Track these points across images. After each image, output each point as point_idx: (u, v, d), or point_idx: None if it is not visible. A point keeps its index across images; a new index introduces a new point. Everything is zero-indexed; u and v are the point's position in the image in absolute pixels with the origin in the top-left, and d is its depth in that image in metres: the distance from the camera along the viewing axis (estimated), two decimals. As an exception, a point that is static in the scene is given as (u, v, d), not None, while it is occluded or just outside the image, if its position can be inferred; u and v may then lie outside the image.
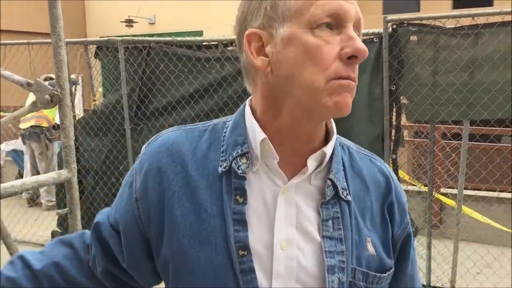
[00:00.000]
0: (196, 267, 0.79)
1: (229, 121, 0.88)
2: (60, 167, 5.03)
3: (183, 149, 0.84)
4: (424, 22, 3.34)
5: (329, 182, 0.82)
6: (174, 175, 0.82)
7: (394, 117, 3.54)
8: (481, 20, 3.20)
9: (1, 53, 4.66)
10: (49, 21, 1.93)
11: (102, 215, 0.95)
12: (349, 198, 0.84)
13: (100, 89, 5.36)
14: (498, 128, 4.74)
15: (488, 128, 5.10)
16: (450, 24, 3.27)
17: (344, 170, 0.86)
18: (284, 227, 0.79)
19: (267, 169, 0.82)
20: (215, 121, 0.90)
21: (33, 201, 6.33)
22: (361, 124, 3.64)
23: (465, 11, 3.54)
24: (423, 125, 5.00)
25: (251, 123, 0.83)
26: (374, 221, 0.86)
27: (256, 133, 0.81)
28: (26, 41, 4.54)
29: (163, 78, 4.04)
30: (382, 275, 0.85)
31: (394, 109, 3.52)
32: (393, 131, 3.55)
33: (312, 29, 0.76)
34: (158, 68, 4.03)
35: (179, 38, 4.00)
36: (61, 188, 4.67)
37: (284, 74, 0.78)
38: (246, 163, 0.80)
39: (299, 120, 0.80)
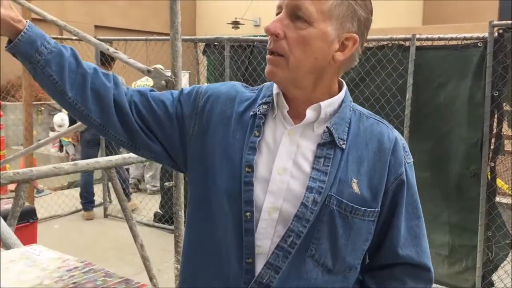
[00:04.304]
0: (220, 172, 1.08)
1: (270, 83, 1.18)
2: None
3: (237, 94, 1.16)
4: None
5: (326, 129, 1.07)
6: (224, 110, 1.14)
7: (495, 124, 3.44)
8: None
9: (124, 47, 5.19)
10: (169, 16, 2.19)
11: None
12: (344, 146, 1.07)
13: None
14: None
15: None
16: None
17: (349, 126, 1.10)
18: (283, 159, 1.06)
19: (282, 117, 1.10)
20: (266, 83, 1.20)
21: (137, 187, 6.87)
22: (460, 128, 3.57)
23: None
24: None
25: (275, 84, 1.12)
26: (368, 169, 1.08)
27: (274, 89, 1.11)
28: (144, 37, 5.02)
29: (264, 76, 4.24)
30: (357, 206, 1.05)
31: (496, 115, 3.42)
32: (493, 138, 3.45)
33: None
34: (260, 66, 4.25)
35: (281, 38, 4.18)
36: (165, 173, 5.08)
37: None
38: (266, 109, 1.10)
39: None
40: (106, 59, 5.13)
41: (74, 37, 3.77)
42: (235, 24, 11.89)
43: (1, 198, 5.79)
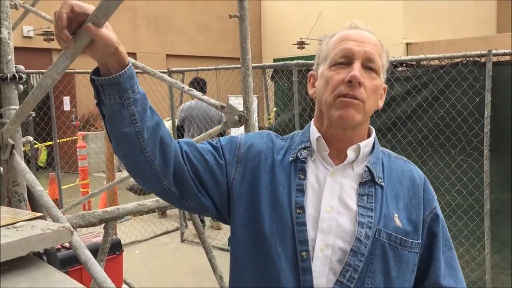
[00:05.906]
0: (268, 217, 1.13)
1: (300, 131, 1.27)
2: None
3: (274, 144, 1.24)
4: None
5: (366, 169, 1.16)
6: (266, 158, 1.21)
7: None
8: None
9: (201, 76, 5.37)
10: (240, 53, 2.26)
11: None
12: (383, 184, 1.16)
13: (275, 109, 5.81)
14: None
15: None
16: None
17: (383, 166, 1.19)
18: (329, 198, 1.13)
19: (321, 159, 1.18)
20: (295, 132, 1.30)
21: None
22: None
23: None
24: None
25: (312, 128, 1.21)
26: (405, 204, 1.17)
27: (313, 134, 1.20)
28: (214, 67, 5.18)
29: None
30: (405, 238, 1.13)
31: None
32: None
33: (331, 66, 1.15)
34: (328, 89, 4.24)
35: (349, 61, 4.16)
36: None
37: (318, 97, 1.19)
38: (306, 153, 1.18)
39: (332, 127, 1.17)
40: (203, 84, 5.41)
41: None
42: (300, 44, 11.96)
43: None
